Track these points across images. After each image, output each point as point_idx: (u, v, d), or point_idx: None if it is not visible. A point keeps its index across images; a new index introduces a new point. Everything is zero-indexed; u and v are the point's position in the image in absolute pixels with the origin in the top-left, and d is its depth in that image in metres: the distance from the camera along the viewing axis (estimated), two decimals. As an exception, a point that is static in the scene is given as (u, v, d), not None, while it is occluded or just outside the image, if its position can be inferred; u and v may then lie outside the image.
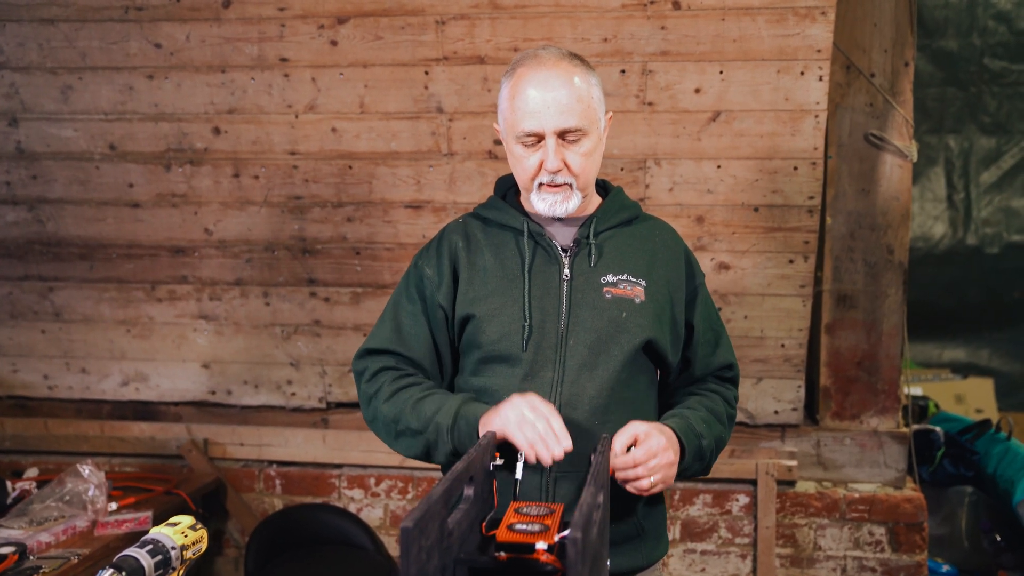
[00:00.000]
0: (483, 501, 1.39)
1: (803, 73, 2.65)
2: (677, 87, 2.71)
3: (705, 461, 1.66)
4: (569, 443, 1.42)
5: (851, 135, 2.91)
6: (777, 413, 3.02)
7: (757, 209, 2.81)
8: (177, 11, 2.80)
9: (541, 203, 1.63)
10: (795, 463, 2.99)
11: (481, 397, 1.64)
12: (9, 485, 2.76)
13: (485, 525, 1.35)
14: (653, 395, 1.74)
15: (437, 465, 1.68)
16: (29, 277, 3.22)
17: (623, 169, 2.81)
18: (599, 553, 1.22)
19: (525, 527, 1.25)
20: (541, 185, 1.62)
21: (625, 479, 1.49)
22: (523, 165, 1.63)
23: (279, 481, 3.24)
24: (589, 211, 1.73)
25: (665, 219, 1.85)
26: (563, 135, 1.59)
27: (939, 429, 3.54)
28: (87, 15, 2.85)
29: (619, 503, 1.59)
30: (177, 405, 3.33)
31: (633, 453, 1.48)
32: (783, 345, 2.94)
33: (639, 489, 1.50)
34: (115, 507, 2.69)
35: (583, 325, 1.61)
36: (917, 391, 4.33)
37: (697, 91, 2.71)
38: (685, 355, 1.75)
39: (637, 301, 1.64)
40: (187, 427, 3.26)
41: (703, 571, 3.06)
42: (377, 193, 2.94)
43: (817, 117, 2.69)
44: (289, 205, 2.99)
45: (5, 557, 2.22)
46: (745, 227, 2.84)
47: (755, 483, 3.00)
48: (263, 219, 3.02)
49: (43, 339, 3.29)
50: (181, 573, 1.41)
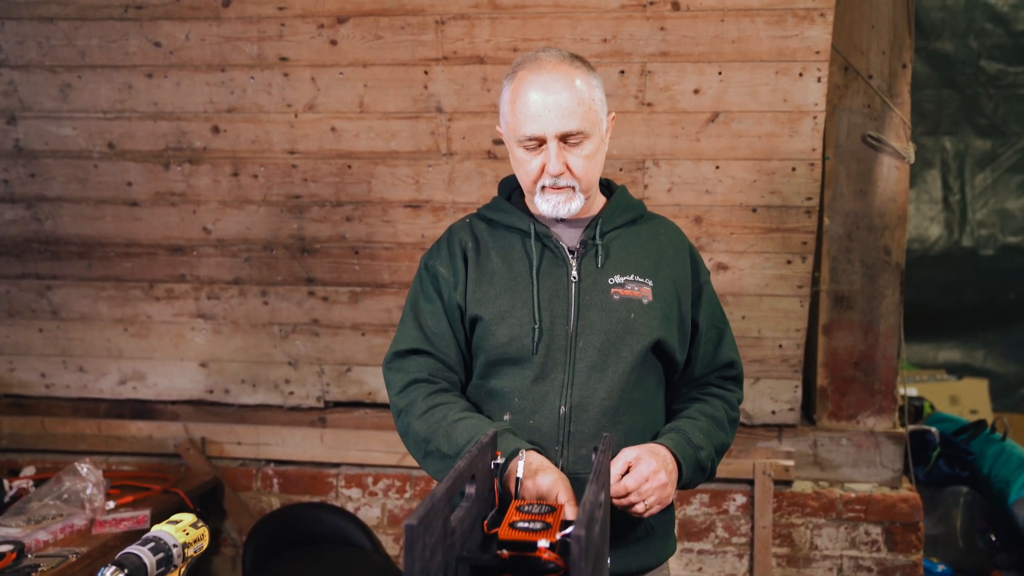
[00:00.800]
0: (484, 499, 1.39)
1: (801, 74, 2.66)
2: (676, 88, 2.72)
3: (707, 472, 1.66)
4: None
5: (849, 136, 2.92)
6: (774, 413, 3.03)
7: (755, 210, 2.82)
8: (177, 10, 2.80)
9: (545, 205, 1.63)
10: (792, 463, 3.00)
11: (491, 399, 1.64)
12: (6, 484, 2.76)
13: (486, 523, 1.36)
14: (662, 395, 1.74)
15: None
16: (27, 275, 3.21)
17: (621, 169, 2.82)
18: (600, 551, 1.23)
19: (527, 525, 1.25)
20: (544, 187, 1.62)
21: (620, 506, 1.50)
22: (525, 168, 1.63)
23: (277, 480, 3.24)
24: (594, 211, 1.73)
25: (663, 219, 1.85)
26: (565, 138, 1.59)
27: (935, 430, 3.56)
28: (86, 13, 2.84)
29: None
30: (175, 404, 3.33)
31: (624, 481, 1.49)
32: (780, 345, 2.95)
33: (636, 513, 1.51)
34: (113, 506, 2.68)
35: (592, 327, 1.61)
36: (912, 392, 4.35)
37: (696, 92, 2.71)
38: (689, 352, 1.75)
39: (645, 301, 1.64)
40: (185, 426, 3.26)
41: (700, 570, 3.07)
42: (376, 193, 2.94)
43: (815, 118, 2.69)
44: (288, 204, 2.99)
45: (3, 555, 2.22)
46: (743, 228, 2.84)
47: (752, 483, 3.01)
48: (262, 218, 3.02)
49: (40, 338, 3.29)
50: (183, 571, 1.41)
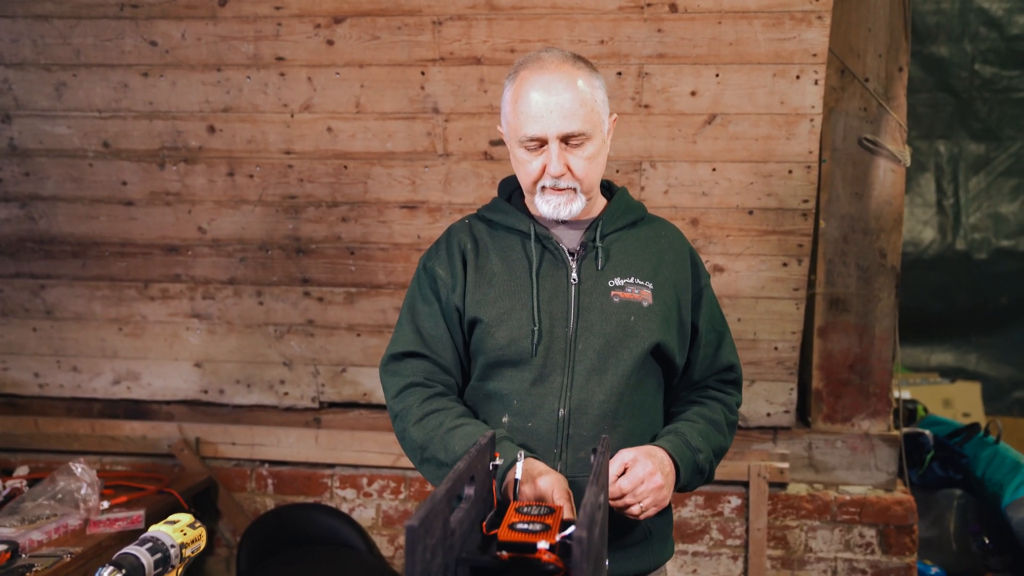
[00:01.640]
0: (482, 501, 1.39)
1: (799, 77, 2.66)
2: (673, 90, 2.72)
3: (705, 475, 1.65)
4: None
5: (845, 139, 2.92)
6: (769, 415, 3.03)
7: (752, 212, 2.82)
8: (173, 9, 2.79)
9: (545, 205, 1.62)
10: (787, 465, 3.00)
11: (489, 401, 1.64)
12: (0, 483, 2.74)
13: (485, 525, 1.35)
14: (661, 398, 1.73)
15: None
16: (21, 275, 3.20)
17: (618, 171, 2.82)
18: (600, 553, 1.23)
19: (526, 527, 1.25)
20: (544, 188, 1.61)
21: (615, 508, 1.50)
22: (526, 169, 1.62)
23: (271, 481, 3.23)
24: (594, 213, 1.72)
25: (659, 221, 1.85)
26: (566, 139, 1.58)
27: (928, 432, 3.56)
28: (82, 12, 2.83)
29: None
30: (169, 404, 3.31)
31: (620, 482, 1.49)
32: (776, 348, 2.96)
33: (632, 515, 1.51)
34: (107, 506, 2.67)
35: (592, 329, 1.61)
36: (906, 395, 4.36)
37: (693, 94, 2.72)
38: (688, 355, 1.74)
39: (645, 304, 1.63)
40: (179, 426, 3.25)
41: (694, 572, 3.07)
42: (372, 193, 2.94)
43: (812, 121, 2.70)
44: (283, 204, 2.98)
45: (-3, 555, 2.21)
46: (739, 230, 2.85)
47: (747, 485, 3.01)
48: (257, 218, 3.01)
49: (34, 337, 3.27)
50: (180, 571, 1.40)
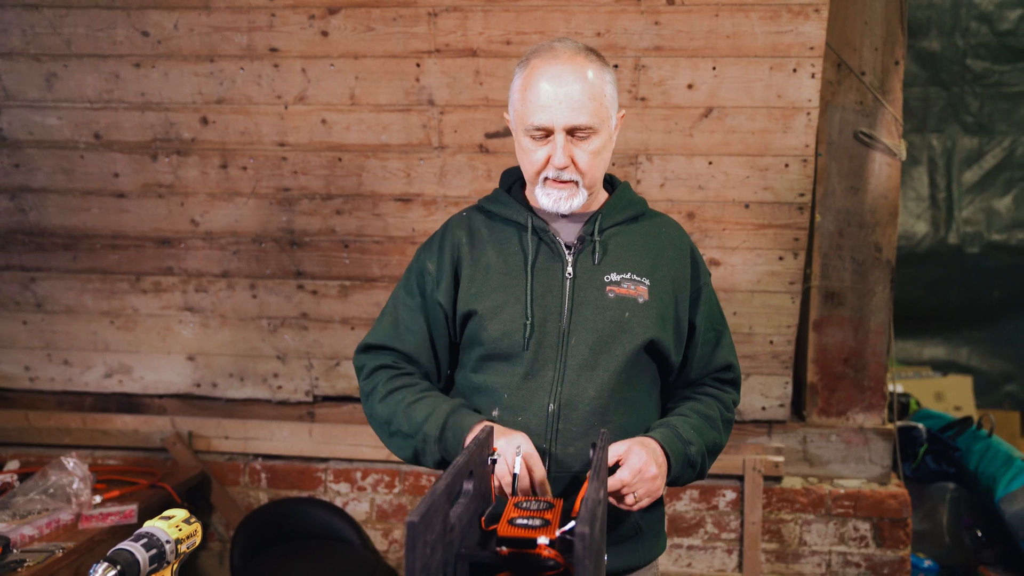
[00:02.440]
0: (481, 496, 1.38)
1: (796, 70, 2.65)
2: (670, 83, 2.71)
3: (697, 468, 1.64)
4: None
5: (841, 133, 2.92)
6: (764, 409, 3.03)
7: (748, 206, 2.82)
8: (165, -1, 2.77)
9: (546, 198, 1.61)
10: (782, 459, 3.00)
11: (480, 395, 1.63)
12: (-10, 478, 2.73)
13: (484, 520, 1.35)
14: (655, 395, 1.72)
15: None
16: (11, 267, 3.17)
17: (614, 164, 2.81)
18: (600, 548, 1.22)
19: (526, 522, 1.24)
20: (547, 180, 1.60)
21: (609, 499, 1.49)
22: (530, 158, 1.60)
23: (264, 475, 3.21)
24: (595, 207, 1.70)
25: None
26: (572, 132, 1.56)
27: (921, 426, 3.58)
28: (72, 1, 2.80)
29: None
30: (161, 398, 3.30)
31: (619, 474, 1.48)
32: (771, 341, 2.95)
33: (626, 506, 1.50)
34: (99, 500, 2.65)
35: (585, 324, 1.59)
36: (899, 388, 4.37)
37: (690, 87, 2.71)
38: (685, 354, 1.73)
39: (640, 301, 1.62)
40: (171, 420, 3.23)
41: (689, 566, 3.07)
42: (367, 186, 2.92)
43: (809, 114, 2.69)
44: (277, 197, 2.96)
45: (-12, 550, 2.19)
46: (736, 223, 2.84)
47: (742, 479, 3.02)
48: (251, 211, 2.99)
49: (25, 330, 3.25)
50: (175, 567, 1.39)
